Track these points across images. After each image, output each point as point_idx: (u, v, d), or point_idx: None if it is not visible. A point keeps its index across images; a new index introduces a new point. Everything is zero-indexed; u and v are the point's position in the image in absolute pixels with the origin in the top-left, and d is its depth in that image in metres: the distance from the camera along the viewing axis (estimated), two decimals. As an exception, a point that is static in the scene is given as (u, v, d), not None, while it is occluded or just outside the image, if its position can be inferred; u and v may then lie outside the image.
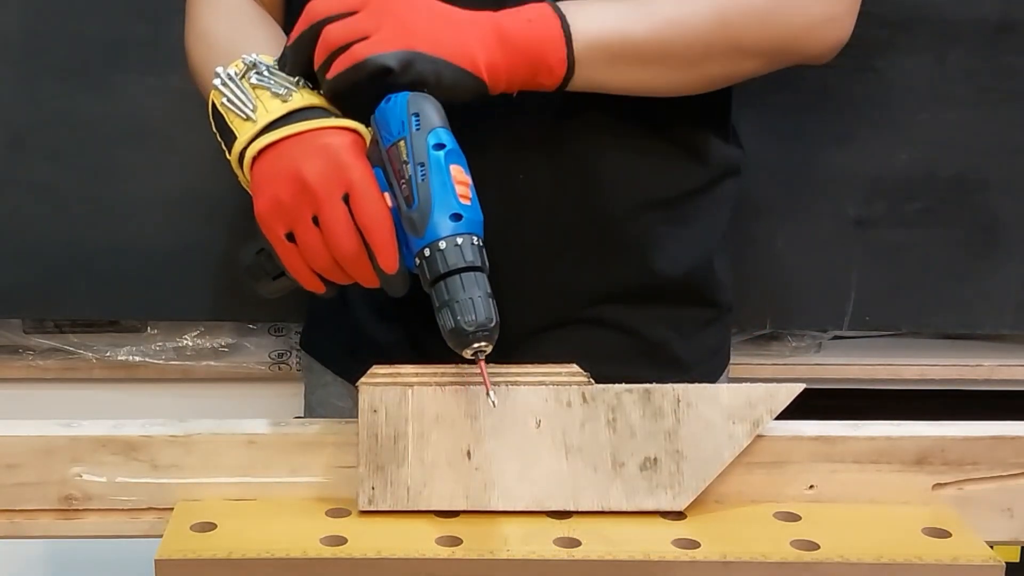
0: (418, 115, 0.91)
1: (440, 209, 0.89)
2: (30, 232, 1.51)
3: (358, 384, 0.93)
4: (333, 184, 0.91)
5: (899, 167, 1.54)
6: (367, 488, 0.91)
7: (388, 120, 0.93)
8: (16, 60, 1.47)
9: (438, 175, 0.89)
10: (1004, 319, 1.60)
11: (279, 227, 0.94)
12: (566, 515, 0.92)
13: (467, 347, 0.89)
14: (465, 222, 0.89)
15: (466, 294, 0.88)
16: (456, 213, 0.89)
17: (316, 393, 1.29)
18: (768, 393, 0.92)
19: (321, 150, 0.92)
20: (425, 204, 0.89)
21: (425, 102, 0.92)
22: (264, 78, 0.96)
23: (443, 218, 0.89)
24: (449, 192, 0.89)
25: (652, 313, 1.16)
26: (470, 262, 0.89)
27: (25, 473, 0.93)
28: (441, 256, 0.89)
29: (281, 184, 0.93)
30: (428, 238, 0.89)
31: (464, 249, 0.89)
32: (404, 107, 0.92)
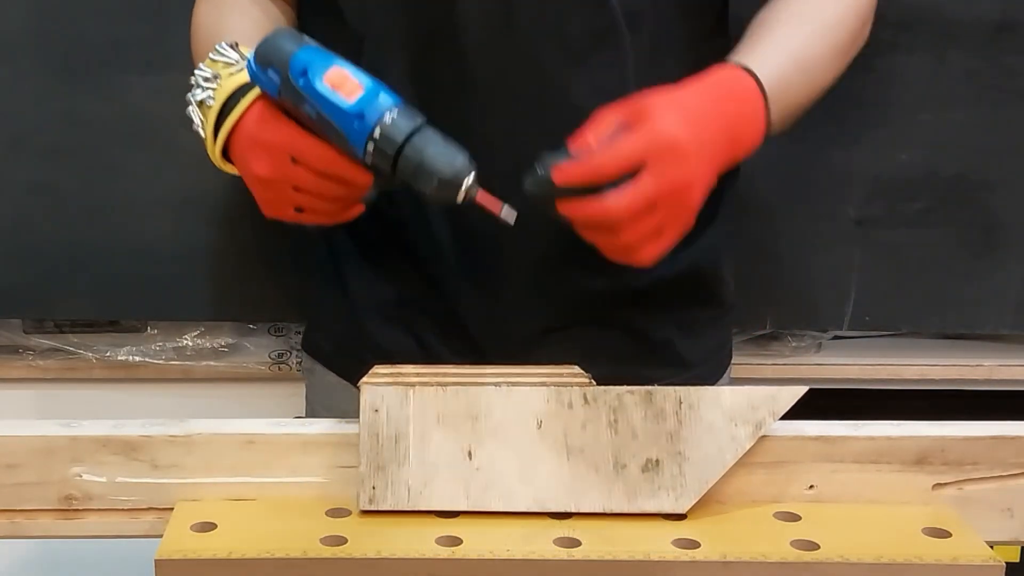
0: (271, 65, 0.95)
1: (345, 124, 0.93)
2: (30, 232, 1.51)
3: (359, 383, 0.93)
4: (280, 162, 0.98)
5: (899, 167, 1.54)
6: (368, 488, 0.91)
7: (259, 82, 0.97)
8: (16, 60, 1.47)
9: (320, 100, 0.93)
10: (1004, 319, 1.60)
11: (285, 212, 1.02)
12: (566, 515, 0.92)
13: (459, 190, 0.92)
14: (369, 109, 0.92)
15: (430, 150, 0.92)
16: (356, 113, 0.92)
17: (319, 396, 1.29)
18: (770, 396, 0.92)
19: (251, 142, 0.99)
20: (334, 129, 0.93)
21: (265, 48, 0.96)
22: (197, 91, 1.03)
23: (352, 127, 0.92)
24: (338, 105, 0.92)
25: (657, 313, 1.16)
26: (408, 128, 0.92)
27: (25, 473, 0.93)
28: (383, 143, 0.92)
29: (255, 186, 1.01)
30: (359, 145, 0.93)
31: (396, 121, 0.92)
32: (257, 68, 0.96)
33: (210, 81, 1.02)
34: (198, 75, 1.03)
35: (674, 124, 0.92)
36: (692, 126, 0.94)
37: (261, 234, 1.53)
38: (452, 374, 0.94)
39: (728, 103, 0.98)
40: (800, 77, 1.05)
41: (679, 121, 0.93)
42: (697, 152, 0.94)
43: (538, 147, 1.06)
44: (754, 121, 1.00)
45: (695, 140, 0.93)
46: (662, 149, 0.92)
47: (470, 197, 0.93)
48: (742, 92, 0.99)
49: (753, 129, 1.00)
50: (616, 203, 0.92)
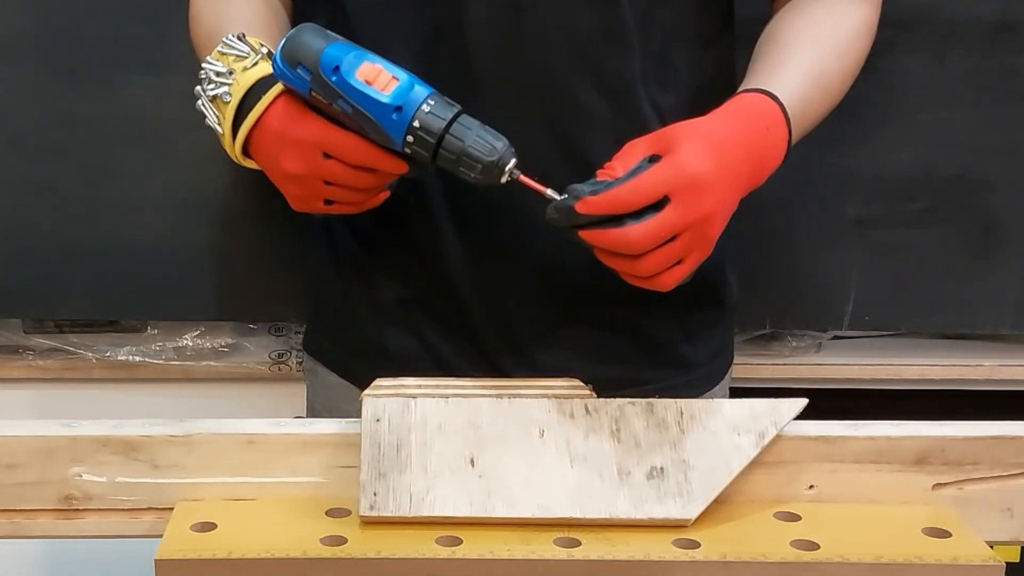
0: (299, 63, 0.95)
1: (383, 117, 0.94)
2: (30, 232, 1.51)
3: (361, 396, 0.93)
4: (312, 157, 0.99)
5: (899, 167, 1.54)
6: (369, 494, 0.90)
7: (288, 80, 0.97)
8: (16, 60, 1.47)
9: (356, 95, 0.94)
10: (1004, 319, 1.60)
11: (314, 206, 1.03)
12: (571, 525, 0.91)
13: (502, 175, 0.94)
14: (406, 101, 0.93)
15: (471, 136, 0.93)
16: (395, 106, 0.93)
17: (320, 396, 1.29)
18: (772, 406, 0.92)
19: (279, 138, 0.99)
20: (371, 123, 0.94)
21: (293, 44, 0.96)
22: (210, 85, 1.03)
23: (391, 120, 0.93)
24: (375, 99, 0.93)
25: (660, 314, 1.16)
26: (447, 116, 0.93)
27: (25, 473, 0.93)
28: (420, 138, 0.94)
29: (286, 183, 1.01)
30: (398, 136, 0.94)
31: (434, 111, 0.93)
32: (284, 65, 0.97)
33: (223, 76, 1.02)
34: (208, 69, 1.03)
35: (700, 158, 0.93)
36: (717, 160, 0.94)
37: (261, 234, 1.53)
38: (454, 386, 0.94)
39: (753, 133, 0.99)
40: (818, 95, 1.07)
41: (705, 155, 0.93)
42: (720, 184, 0.94)
43: (547, 147, 1.06)
44: (778, 146, 1.02)
45: (719, 173, 0.94)
46: (687, 184, 0.92)
47: (512, 179, 0.94)
48: (767, 120, 1.01)
49: (776, 153, 1.02)
50: (638, 234, 0.92)
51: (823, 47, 1.08)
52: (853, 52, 1.11)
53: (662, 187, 0.92)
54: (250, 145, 1.03)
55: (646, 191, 0.92)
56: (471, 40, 1.06)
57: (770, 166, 1.02)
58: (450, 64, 1.07)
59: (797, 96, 1.04)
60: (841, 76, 1.10)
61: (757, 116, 1.01)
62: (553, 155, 1.07)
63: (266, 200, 1.27)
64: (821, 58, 1.08)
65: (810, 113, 1.06)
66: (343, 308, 1.21)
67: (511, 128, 0.97)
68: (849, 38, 1.10)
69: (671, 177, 0.92)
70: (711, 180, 0.93)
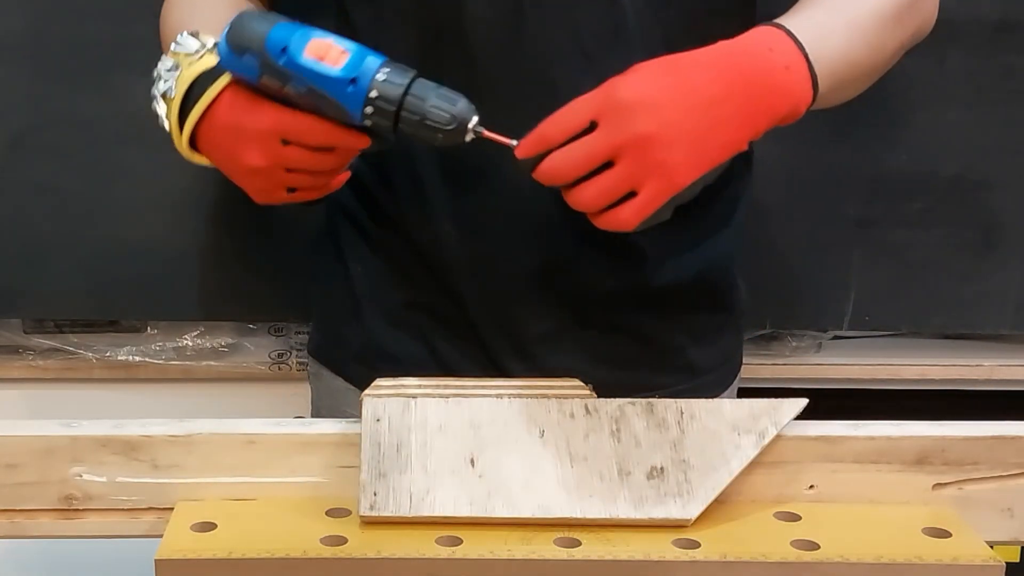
0: (246, 50, 0.93)
1: (337, 91, 0.91)
2: (30, 232, 1.51)
3: (361, 396, 0.93)
4: (271, 148, 0.96)
5: (899, 167, 1.54)
6: (369, 494, 0.90)
7: (235, 69, 0.95)
8: (17, 60, 1.47)
9: (308, 73, 0.91)
10: (1004, 319, 1.61)
11: (277, 196, 1.00)
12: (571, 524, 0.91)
13: (466, 133, 0.92)
14: (360, 72, 0.91)
15: (431, 98, 0.91)
16: (350, 78, 0.91)
17: (326, 401, 1.29)
18: (772, 407, 0.92)
19: (234, 132, 0.97)
20: (326, 100, 0.92)
21: (233, 33, 0.93)
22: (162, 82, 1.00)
23: (346, 92, 0.91)
24: (327, 74, 0.91)
25: (666, 318, 1.16)
26: (404, 82, 0.91)
27: (25, 473, 0.93)
28: (382, 102, 0.91)
29: (247, 178, 0.99)
30: (356, 110, 0.92)
31: (390, 78, 0.91)
32: (229, 53, 0.94)
33: (172, 71, 1.00)
34: (160, 67, 1.00)
35: (633, 82, 0.89)
36: (658, 81, 0.89)
37: (261, 234, 1.53)
38: (454, 386, 0.93)
39: (739, 56, 0.92)
40: (851, 34, 0.98)
41: (641, 78, 0.90)
42: (663, 104, 0.89)
43: None
44: (791, 71, 0.93)
45: (660, 93, 0.89)
46: (613, 105, 0.89)
47: (476, 135, 0.93)
48: (766, 47, 0.93)
49: (787, 80, 0.93)
50: (560, 159, 0.90)
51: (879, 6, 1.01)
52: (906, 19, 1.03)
53: (585, 112, 0.90)
54: (199, 140, 1.00)
55: (569, 119, 0.90)
56: (473, 41, 1.06)
57: (778, 98, 0.93)
58: (454, 66, 1.06)
59: (817, 31, 0.95)
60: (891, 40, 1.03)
61: (753, 43, 0.93)
62: None
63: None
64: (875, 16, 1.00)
65: (841, 50, 0.97)
66: (349, 313, 1.21)
67: (516, 127, 0.97)
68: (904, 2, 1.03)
69: (597, 102, 0.90)
70: (645, 100, 0.89)
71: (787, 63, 0.93)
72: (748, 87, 0.91)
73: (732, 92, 0.91)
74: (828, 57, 0.95)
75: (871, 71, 1.04)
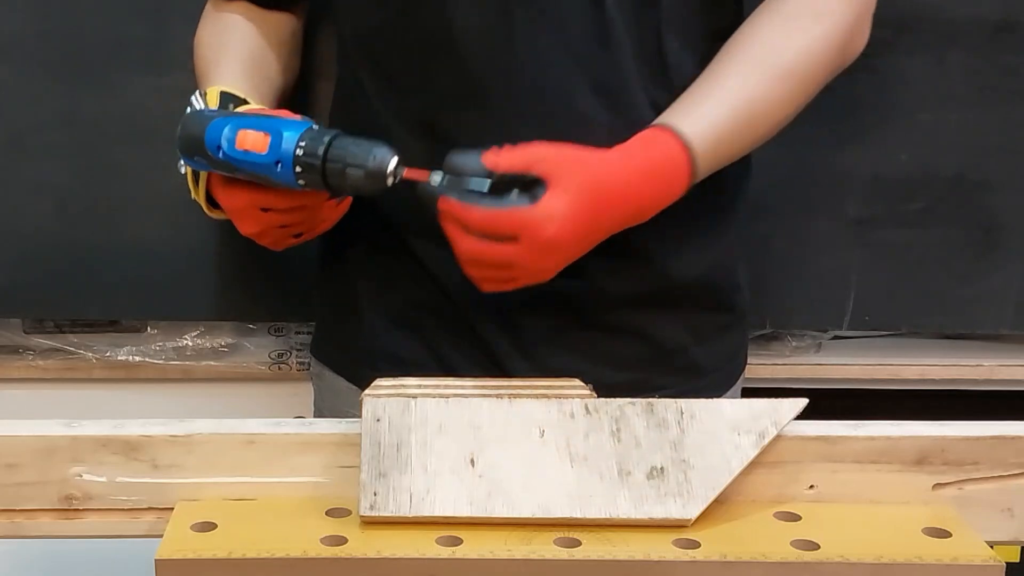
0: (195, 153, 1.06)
1: (271, 172, 1.01)
2: (30, 232, 1.51)
3: (361, 396, 0.93)
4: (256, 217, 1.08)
5: (898, 167, 1.54)
6: (369, 494, 0.90)
7: (194, 167, 1.09)
8: (17, 59, 1.47)
9: (245, 164, 1.02)
10: (1004, 319, 1.60)
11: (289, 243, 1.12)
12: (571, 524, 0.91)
13: (387, 177, 0.98)
14: (282, 154, 1.00)
15: (349, 153, 0.99)
16: (275, 161, 1.00)
17: (328, 401, 1.29)
18: (772, 407, 0.92)
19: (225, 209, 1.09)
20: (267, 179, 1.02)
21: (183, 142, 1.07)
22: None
23: (276, 171, 1.01)
24: (259, 163, 1.01)
25: (669, 318, 1.16)
26: (319, 147, 0.99)
27: (25, 473, 0.93)
28: (307, 173, 1.00)
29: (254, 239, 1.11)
30: (291, 182, 1.01)
31: (306, 150, 0.99)
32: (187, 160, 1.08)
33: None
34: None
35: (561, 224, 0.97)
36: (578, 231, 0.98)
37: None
38: (454, 387, 0.93)
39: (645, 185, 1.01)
40: (745, 127, 1.06)
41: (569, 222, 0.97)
42: (571, 248, 0.99)
43: None
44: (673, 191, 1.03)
45: (574, 241, 0.99)
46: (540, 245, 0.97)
47: (398, 178, 0.98)
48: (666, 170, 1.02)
49: (669, 198, 1.03)
50: (472, 247, 0.98)
51: (763, 72, 1.07)
52: (800, 74, 1.08)
53: (516, 230, 0.96)
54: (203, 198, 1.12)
55: (499, 228, 0.97)
56: (463, 50, 1.06)
57: (659, 208, 1.03)
58: (445, 75, 1.07)
59: (716, 133, 1.04)
60: (781, 102, 1.08)
61: (657, 170, 1.02)
62: None
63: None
64: (758, 84, 1.06)
65: (731, 146, 1.06)
66: (350, 313, 1.21)
67: (511, 134, 0.98)
68: (799, 59, 1.08)
69: (527, 229, 0.96)
70: (563, 246, 0.98)
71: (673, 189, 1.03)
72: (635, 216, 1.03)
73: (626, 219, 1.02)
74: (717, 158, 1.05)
75: (769, 133, 1.10)
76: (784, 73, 1.07)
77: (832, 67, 1.11)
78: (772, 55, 1.07)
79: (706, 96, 1.05)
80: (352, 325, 1.21)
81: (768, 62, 1.07)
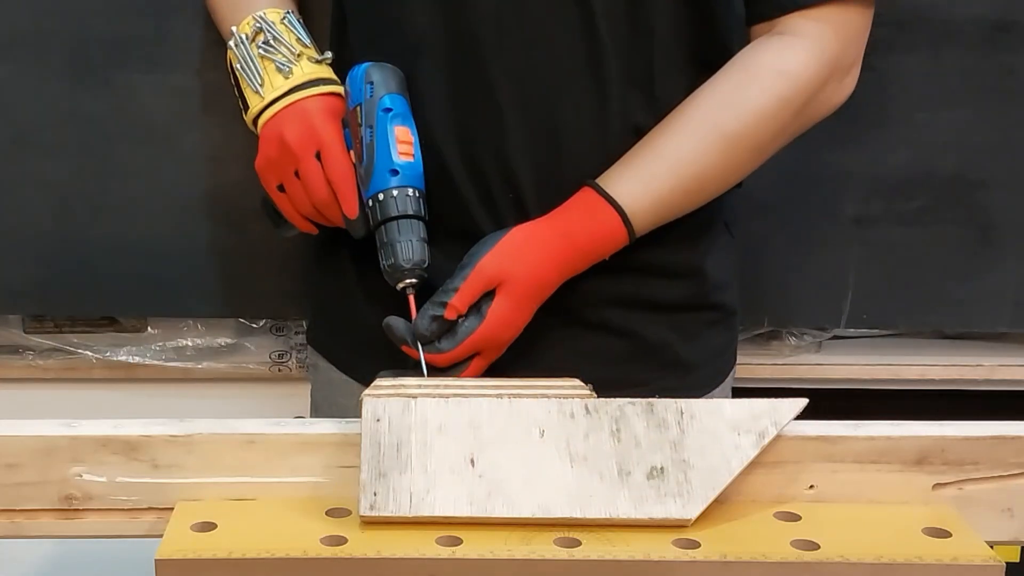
0: (372, 83, 1.07)
1: (381, 165, 1.06)
2: (31, 230, 1.51)
3: (362, 396, 0.93)
4: (307, 145, 1.10)
5: (898, 166, 1.54)
6: (369, 494, 0.90)
7: (351, 88, 1.10)
8: (18, 58, 1.47)
9: (382, 136, 1.06)
10: (1003, 318, 1.60)
11: (272, 179, 1.14)
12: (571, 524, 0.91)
13: (399, 282, 1.07)
14: (402, 176, 1.06)
15: (401, 238, 1.05)
16: (393, 168, 1.05)
17: (322, 391, 1.29)
18: (772, 407, 0.92)
19: (301, 115, 1.10)
20: (369, 161, 1.07)
21: (381, 71, 1.08)
22: (271, 49, 1.13)
23: (383, 173, 1.06)
24: (390, 150, 1.06)
25: (658, 316, 1.16)
26: (402, 211, 1.05)
27: (25, 473, 0.93)
28: (381, 206, 1.06)
29: (271, 145, 1.12)
30: (372, 190, 1.07)
31: (399, 200, 1.05)
32: (362, 76, 1.09)
33: (288, 51, 1.12)
34: (267, 31, 1.13)
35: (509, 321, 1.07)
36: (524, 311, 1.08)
37: (261, 233, 1.52)
38: (454, 386, 0.93)
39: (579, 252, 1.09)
40: (686, 196, 1.10)
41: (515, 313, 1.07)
42: (522, 323, 1.09)
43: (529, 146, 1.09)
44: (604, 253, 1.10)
45: (523, 318, 1.08)
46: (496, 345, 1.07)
47: (404, 292, 1.07)
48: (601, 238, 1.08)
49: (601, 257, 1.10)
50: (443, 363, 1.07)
51: (709, 136, 1.08)
52: (750, 138, 1.09)
53: (477, 349, 1.06)
54: (269, 114, 1.12)
55: (462, 356, 1.06)
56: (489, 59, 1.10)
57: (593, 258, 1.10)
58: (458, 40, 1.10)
59: (655, 199, 1.08)
60: (726, 167, 1.10)
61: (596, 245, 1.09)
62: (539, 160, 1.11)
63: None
64: (704, 150, 1.08)
65: (671, 209, 1.10)
66: (345, 303, 1.21)
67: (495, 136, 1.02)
68: (750, 122, 1.08)
69: (486, 342, 1.06)
70: (516, 329, 1.08)
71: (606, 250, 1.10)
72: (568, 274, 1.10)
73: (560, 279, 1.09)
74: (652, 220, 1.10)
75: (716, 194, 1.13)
76: (732, 137, 1.08)
77: (790, 128, 1.11)
78: (722, 118, 1.08)
79: (649, 160, 1.09)
80: (346, 314, 1.22)
81: (717, 125, 1.08)
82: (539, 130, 1.09)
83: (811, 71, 1.08)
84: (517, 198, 1.11)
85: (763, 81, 1.07)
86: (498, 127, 1.09)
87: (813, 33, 1.08)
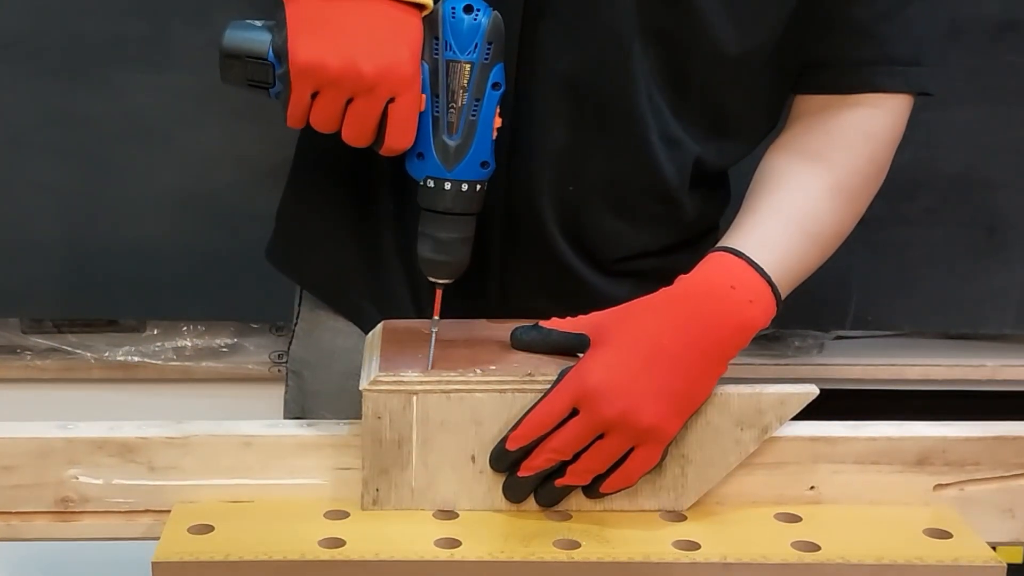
0: (492, 45, 0.91)
1: (476, 153, 0.94)
2: (30, 231, 1.51)
3: (362, 390, 0.92)
4: (384, 87, 0.90)
5: (901, 166, 1.53)
6: (371, 490, 0.90)
7: (462, 31, 0.91)
8: (16, 58, 1.47)
9: (486, 120, 0.93)
10: (1007, 318, 1.60)
11: (309, 87, 0.91)
12: (566, 516, 0.91)
13: (430, 276, 0.97)
14: (489, 170, 0.95)
15: (447, 234, 0.95)
16: (485, 161, 0.94)
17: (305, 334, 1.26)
18: (779, 400, 0.92)
19: (388, 42, 0.90)
20: (465, 143, 0.94)
21: (501, 32, 0.92)
22: None
23: (474, 163, 0.94)
24: (488, 139, 0.94)
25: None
26: (463, 209, 0.95)
27: (21, 475, 0.92)
28: (443, 195, 0.95)
29: (336, 55, 0.90)
30: (454, 175, 0.94)
31: (466, 196, 0.95)
32: (483, 31, 0.91)
33: None
34: None
35: (595, 370, 0.90)
36: (620, 365, 0.91)
37: (261, 234, 1.52)
38: (457, 382, 0.93)
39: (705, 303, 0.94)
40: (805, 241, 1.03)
41: (603, 366, 0.91)
42: (628, 388, 0.90)
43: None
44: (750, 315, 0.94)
45: (622, 380, 0.90)
46: (584, 394, 0.89)
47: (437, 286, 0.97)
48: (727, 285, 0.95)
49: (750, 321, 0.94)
50: (559, 441, 0.90)
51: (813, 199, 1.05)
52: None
53: (565, 403, 0.90)
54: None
55: (552, 409, 0.90)
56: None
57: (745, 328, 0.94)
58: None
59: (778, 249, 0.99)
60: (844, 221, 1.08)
61: (711, 283, 0.95)
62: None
63: (267, 198, 1.27)
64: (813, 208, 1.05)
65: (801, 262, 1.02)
66: (338, 249, 1.17)
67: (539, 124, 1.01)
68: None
69: (572, 392, 0.90)
70: (613, 384, 0.90)
71: (750, 297, 0.95)
72: (711, 333, 0.92)
73: (696, 345, 0.92)
74: (789, 273, 0.99)
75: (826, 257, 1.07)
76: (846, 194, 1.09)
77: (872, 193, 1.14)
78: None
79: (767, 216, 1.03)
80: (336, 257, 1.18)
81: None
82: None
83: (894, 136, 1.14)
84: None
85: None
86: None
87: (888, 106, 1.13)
